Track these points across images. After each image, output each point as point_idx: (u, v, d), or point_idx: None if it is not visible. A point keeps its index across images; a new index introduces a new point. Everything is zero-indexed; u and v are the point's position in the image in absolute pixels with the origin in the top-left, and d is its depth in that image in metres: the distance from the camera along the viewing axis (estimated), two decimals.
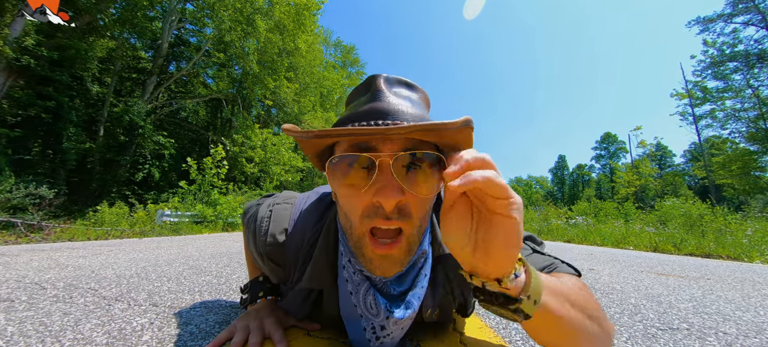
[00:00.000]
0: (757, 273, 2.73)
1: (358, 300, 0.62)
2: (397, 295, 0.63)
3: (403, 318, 0.61)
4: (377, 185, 0.52)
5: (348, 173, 0.55)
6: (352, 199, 0.55)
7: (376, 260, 0.56)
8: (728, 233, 5.47)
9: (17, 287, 1.37)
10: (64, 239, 4.46)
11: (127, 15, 10.65)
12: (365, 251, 0.57)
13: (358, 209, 0.55)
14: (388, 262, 0.56)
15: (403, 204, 0.54)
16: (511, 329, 1.05)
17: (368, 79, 0.61)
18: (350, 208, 0.56)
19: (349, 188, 0.55)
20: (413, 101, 0.60)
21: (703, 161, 21.51)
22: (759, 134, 16.05)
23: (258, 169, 13.12)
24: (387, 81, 0.60)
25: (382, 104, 0.55)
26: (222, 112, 15.56)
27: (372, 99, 0.57)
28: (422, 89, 0.65)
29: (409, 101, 0.59)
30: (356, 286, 0.62)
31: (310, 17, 14.60)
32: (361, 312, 0.62)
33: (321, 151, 0.62)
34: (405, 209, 0.54)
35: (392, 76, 0.62)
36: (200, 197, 8.32)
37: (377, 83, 0.59)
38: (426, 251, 0.65)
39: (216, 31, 12.06)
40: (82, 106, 9.94)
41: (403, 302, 0.63)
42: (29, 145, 8.30)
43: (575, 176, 52.35)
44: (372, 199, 0.53)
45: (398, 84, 0.62)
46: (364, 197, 0.54)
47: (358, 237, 0.57)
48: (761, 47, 16.00)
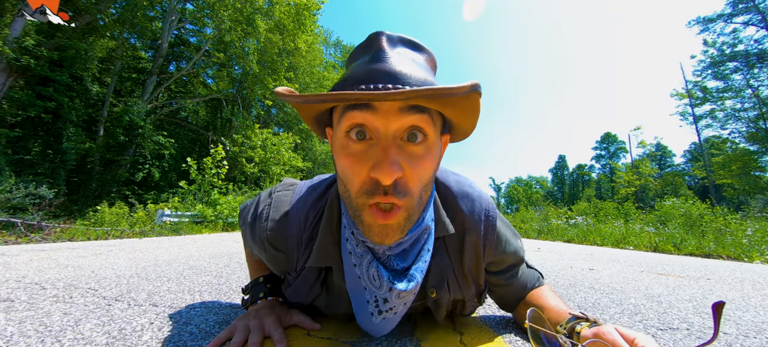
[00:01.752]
0: (757, 273, 2.73)
1: (362, 272, 0.61)
2: (400, 270, 0.63)
3: (406, 290, 0.60)
4: (373, 159, 0.50)
5: (345, 143, 0.54)
6: (349, 171, 0.53)
7: (375, 227, 0.54)
8: (728, 233, 5.47)
9: (17, 287, 1.37)
10: (64, 239, 4.46)
11: (127, 15, 10.65)
12: (364, 218, 0.55)
13: (355, 184, 0.53)
14: (387, 229, 0.54)
15: (400, 180, 0.51)
16: (511, 328, 1.05)
17: (370, 37, 0.57)
18: (348, 180, 0.54)
19: (347, 158, 0.53)
20: (418, 62, 0.56)
21: (703, 161, 21.51)
22: (759, 134, 16.05)
23: (258, 169, 13.12)
24: (390, 40, 0.56)
25: (383, 65, 0.51)
26: (222, 112, 15.56)
27: (373, 60, 0.53)
28: (429, 50, 0.61)
29: (413, 62, 0.55)
30: (359, 258, 0.61)
31: (310, 17, 14.59)
32: (365, 284, 0.61)
33: (318, 115, 0.61)
34: (403, 187, 0.52)
35: (396, 34, 0.57)
36: (200, 197, 8.32)
37: (379, 42, 0.55)
38: (429, 227, 0.64)
39: (216, 31, 12.06)
40: (82, 106, 9.93)
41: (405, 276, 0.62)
42: (29, 145, 8.29)
43: (575, 176, 52.36)
44: (369, 173, 0.51)
45: (402, 43, 0.58)
46: (361, 170, 0.52)
47: (357, 207, 0.55)
48: (761, 47, 15.99)
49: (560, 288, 1.71)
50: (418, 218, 0.59)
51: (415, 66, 0.53)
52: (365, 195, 0.52)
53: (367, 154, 0.52)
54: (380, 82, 0.49)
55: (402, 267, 0.63)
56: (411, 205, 0.54)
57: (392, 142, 0.51)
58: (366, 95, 0.45)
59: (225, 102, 15.00)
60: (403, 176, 0.51)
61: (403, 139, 0.52)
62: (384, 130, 0.50)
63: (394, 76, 0.50)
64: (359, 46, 0.60)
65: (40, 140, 8.56)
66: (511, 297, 0.84)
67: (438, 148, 0.57)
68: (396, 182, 0.51)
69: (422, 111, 0.51)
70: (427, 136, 0.53)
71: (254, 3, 12.20)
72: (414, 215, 0.56)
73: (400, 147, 0.52)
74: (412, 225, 0.57)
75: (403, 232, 0.56)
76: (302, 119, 0.63)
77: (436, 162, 0.57)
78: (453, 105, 0.51)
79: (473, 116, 0.56)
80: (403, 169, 0.51)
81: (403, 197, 0.52)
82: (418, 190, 0.54)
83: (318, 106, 0.56)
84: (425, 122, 0.52)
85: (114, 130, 10.37)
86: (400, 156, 0.51)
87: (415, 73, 0.51)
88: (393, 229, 0.54)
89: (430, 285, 0.70)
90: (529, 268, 0.89)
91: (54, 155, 8.61)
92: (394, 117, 0.50)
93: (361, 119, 0.51)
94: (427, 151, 0.53)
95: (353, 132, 0.52)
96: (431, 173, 0.56)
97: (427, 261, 0.65)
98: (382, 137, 0.51)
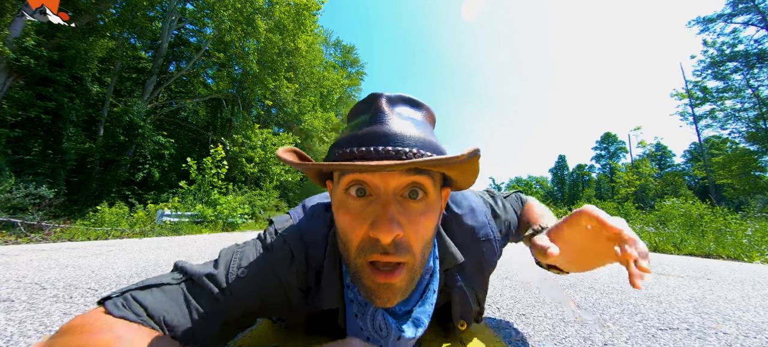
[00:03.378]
0: (757, 273, 2.73)
1: (365, 323, 0.59)
2: (402, 314, 0.61)
3: (414, 337, 0.59)
4: (372, 217, 0.50)
5: (344, 200, 0.53)
6: (348, 229, 0.53)
7: (377, 289, 0.53)
8: (728, 233, 5.46)
9: (17, 287, 1.37)
10: (64, 239, 4.46)
11: (127, 15, 10.64)
12: (365, 281, 0.53)
13: (353, 242, 0.52)
14: (390, 291, 0.53)
15: (401, 239, 0.51)
16: (511, 329, 1.05)
17: (369, 97, 0.57)
18: (347, 238, 0.54)
19: (346, 215, 0.53)
20: (417, 121, 0.57)
21: (703, 161, 21.50)
22: (759, 134, 16.04)
23: (258, 169, 13.12)
24: (389, 101, 0.56)
25: (383, 127, 0.51)
26: (222, 112, 15.55)
27: (372, 121, 0.53)
28: (427, 106, 0.62)
29: (412, 122, 0.55)
30: (362, 307, 0.60)
31: (310, 17, 14.59)
32: (368, 335, 0.59)
33: (318, 171, 0.59)
34: (404, 244, 0.51)
35: (395, 94, 0.58)
36: (200, 197, 8.32)
37: (378, 104, 0.55)
38: (431, 268, 0.64)
39: (216, 31, 12.06)
40: (82, 106, 9.92)
41: (410, 319, 0.61)
42: (29, 145, 8.29)
43: (575, 176, 52.32)
44: (368, 232, 0.50)
45: (401, 103, 0.58)
46: (360, 228, 0.51)
47: (355, 268, 0.54)
48: (761, 47, 15.99)
49: (560, 287, 1.71)
50: (420, 278, 0.58)
51: (413, 127, 0.54)
52: (364, 253, 0.51)
53: (366, 211, 0.51)
54: (380, 144, 0.49)
55: (403, 310, 0.61)
56: (413, 264, 0.53)
57: (392, 199, 0.51)
58: (364, 167, 0.44)
59: (225, 102, 14.99)
60: (404, 236, 0.51)
61: (404, 195, 0.52)
62: (384, 187, 0.50)
63: (393, 138, 0.50)
64: (358, 104, 0.60)
65: (40, 140, 8.55)
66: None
67: (439, 204, 0.57)
68: (396, 241, 0.50)
69: (421, 172, 0.51)
70: (427, 193, 0.53)
71: (254, 3, 12.19)
72: (417, 275, 0.55)
73: (401, 204, 0.51)
74: (414, 285, 0.56)
75: (405, 294, 0.55)
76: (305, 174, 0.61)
77: (437, 219, 0.57)
78: (453, 168, 0.51)
79: (473, 176, 0.57)
80: (403, 227, 0.50)
81: (405, 254, 0.51)
82: (419, 249, 0.53)
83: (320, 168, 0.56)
84: (425, 180, 0.52)
85: (114, 130, 10.37)
86: (400, 214, 0.50)
87: (415, 134, 0.52)
88: (395, 290, 0.53)
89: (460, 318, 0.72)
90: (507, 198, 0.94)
91: (54, 155, 8.61)
92: (394, 176, 0.50)
93: (361, 177, 0.51)
94: (428, 208, 0.53)
95: (353, 189, 0.52)
96: (433, 231, 0.56)
97: (433, 304, 0.64)
98: (382, 194, 0.51)
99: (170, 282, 0.56)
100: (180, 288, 0.55)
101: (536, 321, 1.11)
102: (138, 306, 0.51)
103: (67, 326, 0.46)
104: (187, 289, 0.56)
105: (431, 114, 0.63)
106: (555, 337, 0.95)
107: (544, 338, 0.94)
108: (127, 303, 0.50)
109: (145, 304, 0.51)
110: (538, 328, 1.03)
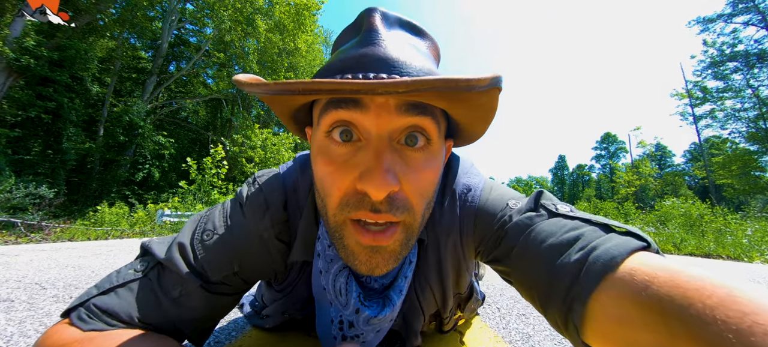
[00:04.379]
0: (757, 272, 2.73)
1: (328, 281, 0.49)
2: (378, 288, 0.51)
3: (376, 316, 0.48)
4: (361, 167, 0.39)
5: (325, 146, 0.42)
6: (328, 181, 0.41)
7: (363, 253, 0.42)
8: (728, 233, 5.46)
9: (17, 287, 1.37)
10: (64, 239, 4.46)
11: (127, 15, 10.65)
12: (347, 241, 0.42)
13: (334, 196, 0.41)
14: (379, 256, 0.42)
15: (397, 194, 0.40)
16: (511, 329, 1.05)
17: (360, 15, 0.45)
18: (325, 193, 0.42)
19: (327, 165, 0.41)
20: (419, 49, 0.45)
21: (703, 161, 21.50)
22: (759, 134, 16.04)
23: (258, 169, 13.12)
24: (384, 18, 0.44)
25: (376, 49, 0.40)
26: (222, 112, 15.55)
27: (363, 43, 0.41)
28: (432, 36, 0.49)
29: (413, 48, 0.43)
30: (328, 262, 0.49)
31: (310, 17, 14.59)
32: (331, 298, 0.49)
33: (294, 111, 0.48)
34: (400, 201, 0.40)
35: (393, 13, 0.45)
36: (200, 197, 8.32)
37: (371, 21, 0.43)
38: None
39: (216, 31, 12.07)
40: (82, 106, 9.93)
41: (381, 297, 0.50)
42: (29, 145, 8.30)
43: (575, 176, 52.34)
44: (356, 184, 0.39)
45: (400, 25, 0.46)
46: (343, 180, 0.40)
47: (335, 225, 0.43)
48: (761, 47, 15.99)
49: None
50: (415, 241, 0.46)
51: (415, 52, 0.42)
52: (347, 209, 0.40)
53: (353, 160, 0.40)
54: (371, 70, 0.38)
55: (380, 283, 0.50)
56: (412, 224, 0.42)
57: (387, 145, 0.40)
58: (350, 85, 0.32)
59: (225, 102, 15.00)
60: (401, 190, 0.40)
61: (401, 142, 0.41)
62: (376, 130, 0.39)
63: (389, 63, 0.39)
64: (347, 27, 0.48)
65: (40, 140, 8.56)
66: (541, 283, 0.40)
67: (442, 155, 0.46)
68: (391, 196, 0.39)
69: (424, 110, 0.40)
70: (430, 140, 0.41)
71: (254, 3, 12.20)
72: (414, 236, 0.44)
73: (397, 152, 0.41)
74: (409, 250, 0.45)
75: (398, 260, 0.44)
76: (276, 115, 0.50)
77: (439, 173, 0.45)
78: (465, 102, 0.39)
79: (487, 118, 0.43)
80: (400, 181, 0.39)
81: (402, 212, 0.40)
82: (421, 206, 0.42)
83: (290, 100, 0.43)
84: (428, 123, 0.40)
85: (114, 130, 10.37)
86: (396, 164, 0.40)
87: (416, 62, 0.40)
88: (386, 254, 0.42)
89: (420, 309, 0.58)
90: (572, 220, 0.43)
91: (54, 155, 8.61)
92: (390, 117, 0.39)
93: (348, 116, 0.39)
94: (430, 158, 0.42)
95: (336, 131, 0.41)
96: (434, 186, 0.44)
97: (408, 277, 0.51)
98: (374, 139, 0.40)
99: (135, 277, 0.46)
100: (148, 279, 0.46)
101: (536, 321, 1.11)
102: (105, 314, 0.42)
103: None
104: (157, 277, 0.46)
105: (436, 46, 0.50)
106: (555, 337, 0.95)
107: (544, 338, 0.94)
108: (92, 313, 0.42)
109: (112, 310, 0.42)
110: (538, 328, 1.03)
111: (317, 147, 0.43)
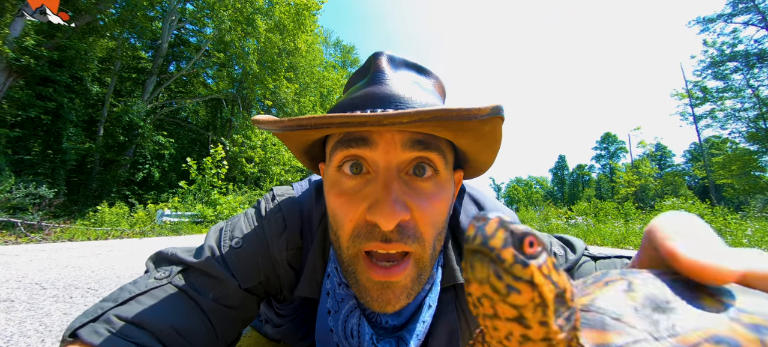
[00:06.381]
0: None
1: (337, 323, 0.48)
2: (390, 329, 0.49)
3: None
4: (371, 199, 0.40)
5: (336, 179, 0.43)
6: (340, 213, 0.42)
7: (375, 289, 0.42)
8: (728, 233, 5.47)
9: (17, 287, 1.37)
10: (64, 239, 4.46)
11: (127, 15, 10.66)
12: (359, 277, 0.43)
13: (346, 228, 0.42)
14: (391, 292, 0.42)
15: (407, 223, 0.41)
16: None
17: (369, 59, 0.48)
18: (338, 224, 0.43)
19: (339, 197, 0.42)
20: (423, 86, 0.47)
21: (703, 161, 21.51)
22: (759, 134, 16.05)
23: (258, 169, 13.12)
24: (391, 61, 0.47)
25: (383, 87, 0.42)
26: (222, 112, 15.56)
27: (371, 82, 0.44)
28: (436, 74, 0.51)
29: (417, 86, 0.46)
30: (338, 303, 0.48)
31: (310, 17, 14.60)
32: (338, 340, 0.48)
33: (307, 147, 0.50)
34: (411, 230, 0.41)
35: (399, 55, 0.48)
36: (200, 197, 8.32)
37: (378, 63, 0.46)
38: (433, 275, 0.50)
39: (216, 31, 12.08)
40: (82, 106, 9.94)
41: (394, 338, 0.48)
42: (29, 145, 8.30)
43: (575, 176, 52.35)
44: (365, 215, 0.40)
45: (405, 66, 0.48)
46: (354, 211, 0.41)
47: (348, 259, 0.43)
48: (761, 47, 16.00)
49: None
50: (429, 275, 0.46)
51: (419, 89, 0.44)
52: (358, 241, 0.41)
53: (363, 191, 0.41)
54: (378, 106, 0.41)
55: (392, 324, 0.49)
56: (422, 256, 0.42)
57: (395, 176, 0.41)
58: (358, 118, 0.35)
59: (225, 102, 15.01)
60: (411, 219, 0.41)
61: (409, 172, 0.42)
62: (384, 163, 0.41)
63: (394, 99, 0.41)
64: (358, 70, 0.52)
65: (40, 140, 8.56)
66: None
67: (451, 186, 0.46)
68: (401, 225, 0.40)
69: (429, 146, 0.41)
70: (437, 170, 0.43)
71: (254, 3, 12.20)
72: (425, 271, 0.44)
73: (406, 183, 0.42)
74: (422, 286, 0.45)
75: (410, 296, 0.43)
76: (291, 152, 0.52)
77: (449, 203, 0.46)
78: (469, 132, 0.40)
79: (493, 147, 0.44)
80: (410, 209, 0.40)
81: (413, 240, 0.41)
82: (431, 237, 0.42)
83: (304, 136, 0.44)
84: (435, 156, 0.42)
85: (114, 130, 10.37)
86: (405, 194, 0.40)
87: (420, 97, 0.42)
88: (397, 291, 0.42)
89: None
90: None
91: (54, 155, 8.61)
92: (396, 152, 0.40)
93: (358, 153, 0.41)
94: (438, 188, 0.43)
95: (347, 165, 0.43)
96: (445, 216, 0.45)
97: (426, 322, 0.49)
98: (382, 171, 0.41)
99: (157, 285, 0.44)
100: (173, 285, 0.44)
101: None
102: (131, 326, 0.38)
103: None
104: (187, 281, 0.45)
105: (441, 84, 0.52)
106: None
107: None
108: (113, 326, 0.38)
109: (138, 320, 0.39)
110: None
111: (329, 181, 0.45)
